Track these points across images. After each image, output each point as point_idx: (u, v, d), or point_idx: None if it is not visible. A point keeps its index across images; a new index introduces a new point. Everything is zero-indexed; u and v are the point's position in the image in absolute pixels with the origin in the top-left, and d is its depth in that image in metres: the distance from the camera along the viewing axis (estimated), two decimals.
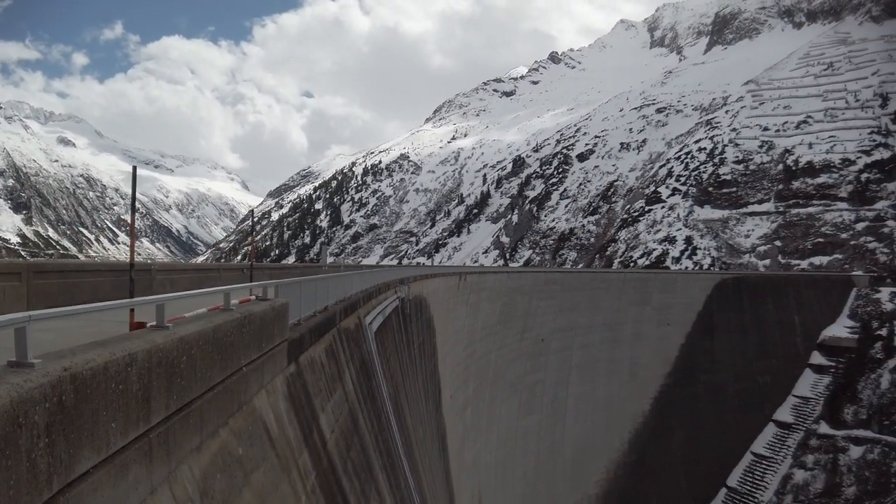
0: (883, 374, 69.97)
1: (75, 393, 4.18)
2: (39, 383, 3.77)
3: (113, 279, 13.57)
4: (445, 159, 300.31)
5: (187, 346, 6.29)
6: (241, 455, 7.71)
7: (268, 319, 9.30)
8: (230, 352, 7.61)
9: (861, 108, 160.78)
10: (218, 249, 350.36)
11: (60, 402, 3.98)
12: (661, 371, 79.76)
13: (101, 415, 4.54)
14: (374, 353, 18.27)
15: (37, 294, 10.93)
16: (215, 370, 7.10)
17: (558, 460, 64.91)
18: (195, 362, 6.50)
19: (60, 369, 4.07)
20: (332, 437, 12.85)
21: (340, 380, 14.68)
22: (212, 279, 19.52)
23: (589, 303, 73.10)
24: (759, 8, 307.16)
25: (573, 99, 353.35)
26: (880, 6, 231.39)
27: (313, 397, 12.10)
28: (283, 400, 10.19)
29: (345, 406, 14.64)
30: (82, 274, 12.74)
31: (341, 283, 16.57)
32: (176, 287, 17.05)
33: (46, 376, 3.90)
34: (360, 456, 15.27)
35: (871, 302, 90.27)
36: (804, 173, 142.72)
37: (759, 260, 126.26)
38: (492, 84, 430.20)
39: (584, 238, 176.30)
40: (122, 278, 13.80)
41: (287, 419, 10.14)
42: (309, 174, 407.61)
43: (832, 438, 66.99)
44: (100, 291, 12.99)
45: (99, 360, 4.54)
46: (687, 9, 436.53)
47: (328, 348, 13.86)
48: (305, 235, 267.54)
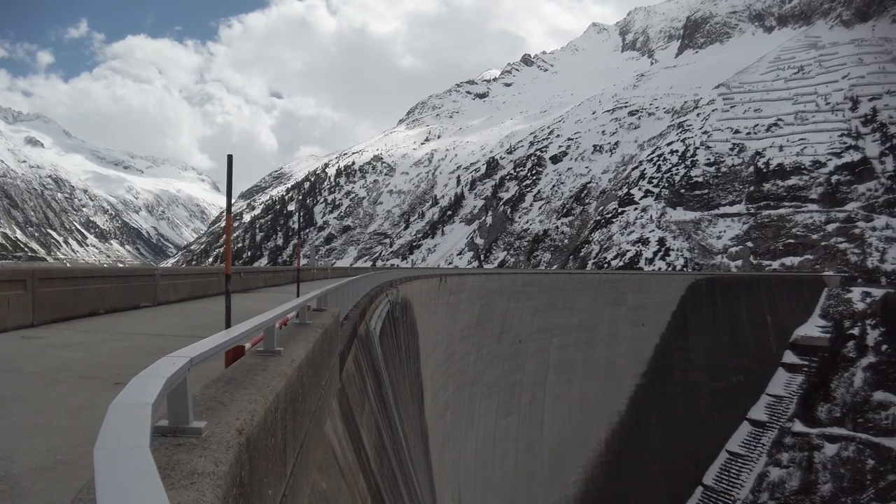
0: (856, 372, 70.87)
1: (251, 465, 3.10)
2: (222, 468, 2.57)
3: (118, 285, 13.19)
4: (419, 161, 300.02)
5: (301, 375, 5.41)
6: (325, 490, 6.84)
7: (331, 332, 8.56)
8: (320, 374, 6.88)
9: (831, 111, 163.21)
10: (189, 251, 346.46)
11: (241, 484, 2.86)
12: (636, 371, 79.90)
13: (263, 483, 3.48)
14: (380, 359, 17.79)
15: (43, 303, 10.36)
16: (313, 398, 6.24)
17: (536, 461, 64.66)
18: (306, 393, 5.63)
19: (235, 433, 2.98)
20: (372, 453, 12.27)
21: (366, 391, 14.14)
22: (213, 283, 19.33)
23: (565, 304, 73.00)
24: (730, 12, 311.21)
25: (546, 101, 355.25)
26: (851, 11, 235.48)
27: (356, 413, 11.44)
28: (340, 420, 9.41)
29: (372, 418, 14.06)
30: (87, 280, 12.10)
31: (357, 288, 16.20)
32: (179, 292, 16.51)
33: (225, 449, 2.76)
34: (389, 471, 14.69)
35: (843, 302, 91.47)
36: (775, 175, 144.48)
37: (731, 261, 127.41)
38: (465, 86, 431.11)
39: (559, 239, 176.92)
40: (127, 284, 13.51)
41: (345, 441, 9.42)
42: (281, 175, 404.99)
43: (807, 436, 67.61)
44: (106, 298, 12.54)
45: (260, 411, 3.51)
46: (658, 13, 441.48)
47: (355, 357, 13.28)
48: (278, 237, 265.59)
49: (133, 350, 8.25)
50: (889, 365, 70.02)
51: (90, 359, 7.45)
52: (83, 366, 6.95)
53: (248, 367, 4.64)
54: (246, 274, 24.60)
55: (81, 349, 8.11)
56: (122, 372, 6.68)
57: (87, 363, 7.13)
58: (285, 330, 7.13)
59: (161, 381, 2.46)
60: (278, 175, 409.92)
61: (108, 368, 6.84)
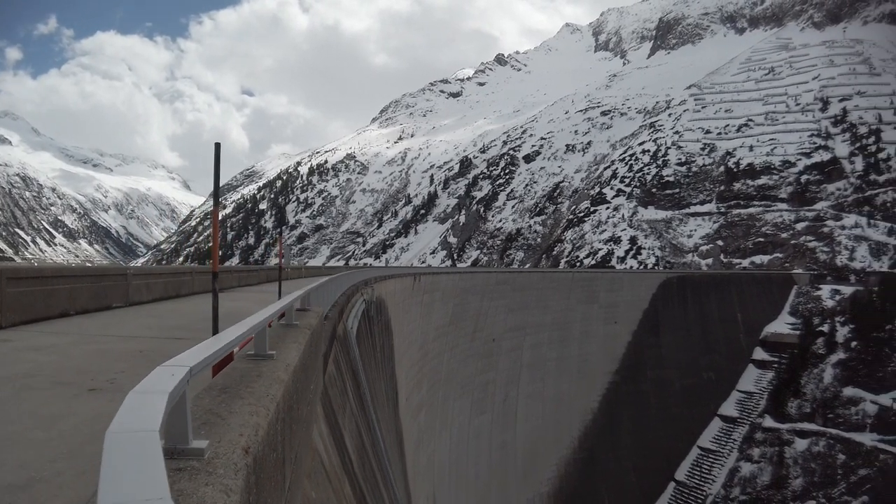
0: (826, 368, 71.98)
1: (257, 488, 2.85)
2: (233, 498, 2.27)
3: (90, 284, 12.80)
4: (392, 159, 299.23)
5: (296, 380, 5.06)
6: (315, 499, 6.52)
7: (318, 333, 8.25)
8: (309, 378, 6.51)
9: (801, 111, 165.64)
10: (159, 251, 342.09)
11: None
12: (608, 368, 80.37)
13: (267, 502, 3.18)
14: (358, 359, 17.65)
15: (11, 304, 9.98)
16: (304, 404, 5.84)
17: (510, 459, 64.80)
18: (299, 398, 5.29)
19: (242, 453, 2.68)
20: (354, 457, 12.06)
21: (346, 392, 13.96)
22: (186, 283, 18.94)
23: (538, 302, 73.23)
24: (702, 14, 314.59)
25: (519, 101, 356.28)
26: (822, 13, 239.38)
27: (338, 416, 11.19)
28: (324, 424, 9.15)
29: (353, 420, 13.89)
30: (58, 280, 11.72)
31: (335, 287, 16.04)
32: (152, 292, 16.19)
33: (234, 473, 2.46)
34: (371, 474, 14.50)
35: (812, 299, 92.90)
36: (745, 175, 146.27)
37: (702, 259, 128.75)
38: (438, 85, 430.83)
39: (531, 238, 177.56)
40: (99, 284, 13.14)
41: (330, 446, 9.18)
42: (252, 174, 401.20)
43: (777, 432, 68.51)
44: (77, 299, 12.16)
45: (263, 424, 3.23)
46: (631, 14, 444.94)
47: (335, 358, 13.08)
48: (250, 236, 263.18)
49: (107, 353, 7.98)
50: (859, 361, 71.20)
51: (63, 363, 7.18)
52: (56, 370, 6.69)
53: (241, 373, 4.36)
54: (220, 273, 24.30)
55: (53, 352, 7.83)
56: (97, 377, 6.43)
57: (59, 367, 6.87)
58: (271, 331, 6.84)
59: (163, 398, 2.13)
60: (250, 173, 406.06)
61: (81, 373, 6.58)
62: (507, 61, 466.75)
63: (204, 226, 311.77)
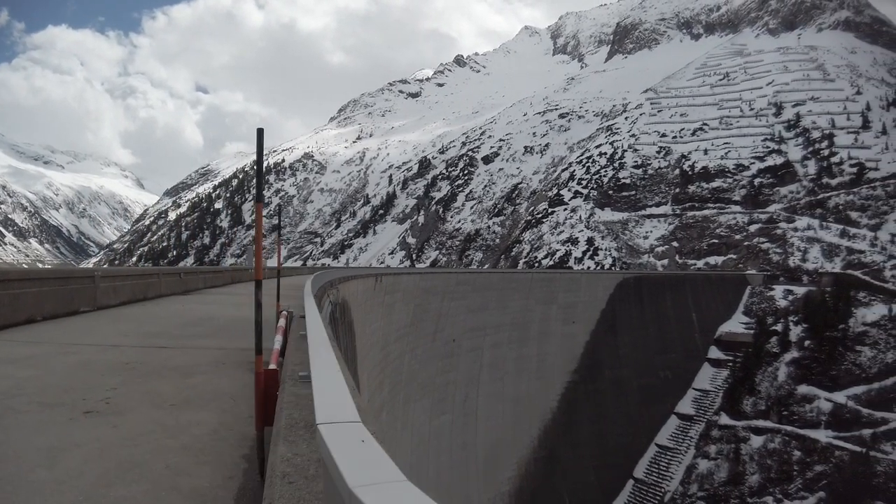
0: (780, 367, 73.10)
1: None
2: None
3: (56, 288, 12.15)
4: (350, 159, 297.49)
5: None
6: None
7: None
8: None
9: (755, 116, 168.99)
10: (111, 251, 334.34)
11: None
12: (567, 368, 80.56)
13: None
14: None
15: None
16: None
17: (471, 459, 64.44)
18: None
19: None
20: None
21: None
22: (153, 285, 18.62)
23: (498, 303, 73.02)
24: (658, 19, 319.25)
25: (478, 102, 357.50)
26: (778, 20, 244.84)
27: None
28: None
29: None
30: (25, 283, 11.02)
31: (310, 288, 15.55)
32: (119, 295, 15.46)
33: None
34: None
35: (766, 299, 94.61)
36: (700, 178, 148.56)
37: (658, 260, 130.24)
38: (397, 85, 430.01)
39: (490, 239, 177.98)
40: (65, 287, 12.52)
41: None
42: (208, 172, 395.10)
43: (733, 429, 69.37)
44: (44, 304, 11.52)
45: None
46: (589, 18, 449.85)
47: None
48: (205, 236, 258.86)
49: (90, 365, 7.45)
50: (812, 360, 72.48)
51: (45, 378, 6.61)
52: (39, 388, 6.12)
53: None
54: (186, 275, 23.47)
55: (31, 366, 7.27)
56: (88, 395, 5.91)
57: (43, 384, 6.31)
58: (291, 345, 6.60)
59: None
60: (205, 172, 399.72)
61: (70, 391, 6.04)
62: (466, 62, 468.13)
63: (158, 225, 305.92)
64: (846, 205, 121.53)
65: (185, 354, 8.59)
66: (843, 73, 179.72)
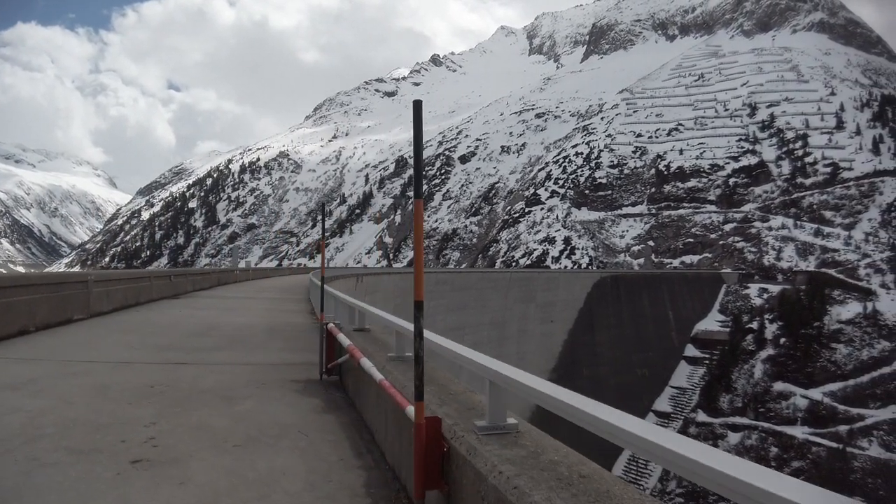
0: (756, 364, 73.53)
1: None
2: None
3: (49, 295, 11.31)
4: (326, 158, 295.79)
5: None
6: None
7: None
8: None
9: (730, 117, 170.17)
10: (84, 251, 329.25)
11: None
12: (546, 366, 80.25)
13: None
14: None
15: None
16: None
17: None
18: None
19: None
20: None
21: None
22: (145, 289, 18.11)
23: (477, 302, 72.63)
24: (634, 20, 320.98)
25: (455, 101, 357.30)
26: (752, 21, 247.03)
27: None
28: None
29: None
30: (16, 290, 10.14)
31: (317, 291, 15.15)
32: (112, 301, 14.73)
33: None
34: None
35: (741, 297, 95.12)
36: (675, 177, 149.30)
37: (634, 259, 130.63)
38: (374, 84, 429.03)
39: (467, 238, 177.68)
40: (58, 294, 11.71)
41: None
42: (182, 171, 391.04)
43: (710, 426, 69.62)
44: (37, 312, 10.67)
45: None
46: (565, 19, 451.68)
47: None
48: (179, 236, 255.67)
49: (109, 391, 6.29)
50: (788, 357, 72.96)
51: (63, 410, 5.39)
52: (61, 425, 4.94)
53: None
54: (176, 277, 22.66)
55: (40, 392, 6.05)
56: (127, 436, 4.75)
57: (63, 420, 5.11)
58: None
59: None
60: (179, 171, 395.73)
61: (101, 429, 4.88)
62: (442, 62, 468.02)
63: (131, 224, 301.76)
64: (820, 204, 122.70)
65: (211, 373, 7.67)
66: (818, 74, 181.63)
